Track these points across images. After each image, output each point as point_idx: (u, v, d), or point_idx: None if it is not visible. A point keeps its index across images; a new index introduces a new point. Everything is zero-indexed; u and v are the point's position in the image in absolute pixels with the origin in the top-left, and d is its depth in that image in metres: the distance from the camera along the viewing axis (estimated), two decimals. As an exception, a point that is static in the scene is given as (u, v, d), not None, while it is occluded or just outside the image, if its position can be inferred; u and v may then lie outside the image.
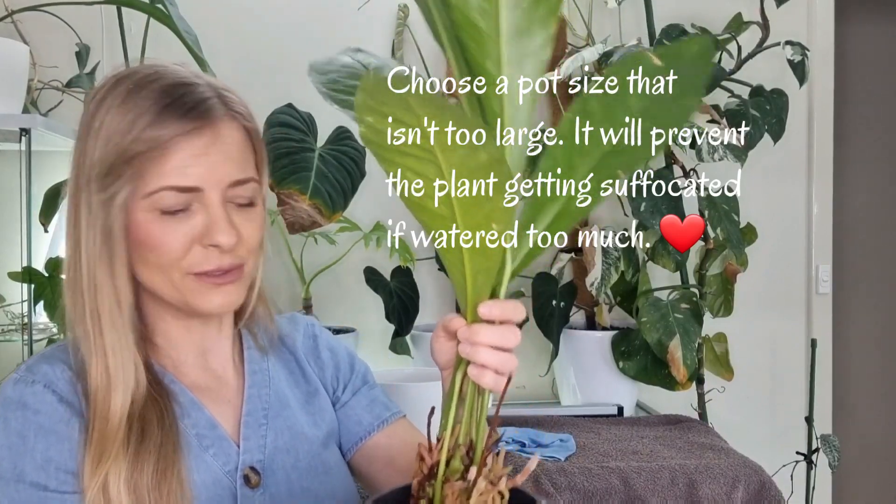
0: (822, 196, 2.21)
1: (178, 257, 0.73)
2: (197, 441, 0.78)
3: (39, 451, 0.71)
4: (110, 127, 0.72)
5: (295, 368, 0.90)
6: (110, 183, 0.72)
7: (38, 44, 1.80)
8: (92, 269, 0.74)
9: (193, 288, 0.75)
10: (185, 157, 0.72)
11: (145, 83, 0.74)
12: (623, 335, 1.85)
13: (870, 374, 2.83)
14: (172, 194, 0.72)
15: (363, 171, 1.74)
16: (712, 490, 1.40)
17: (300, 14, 2.03)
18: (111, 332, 0.74)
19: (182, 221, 0.73)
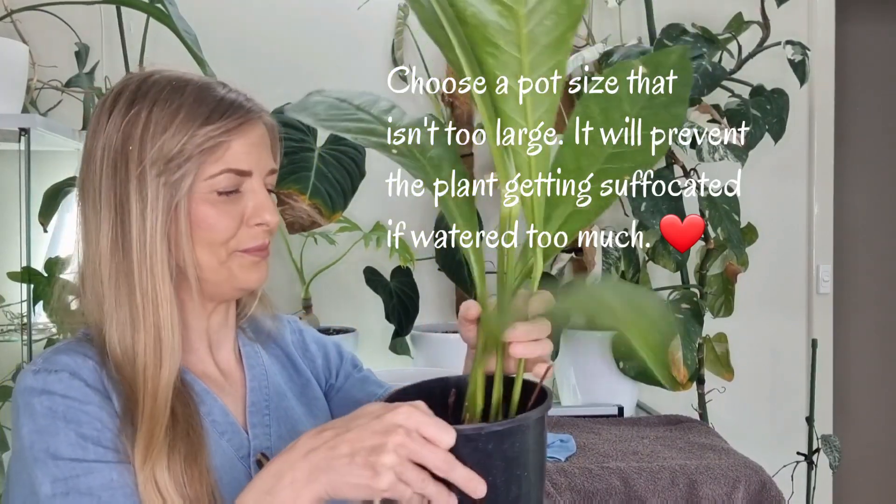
0: (822, 196, 2.21)
1: (229, 236, 0.80)
2: (213, 427, 0.82)
3: (73, 430, 0.72)
4: (161, 120, 0.78)
5: (287, 363, 0.96)
6: (175, 168, 0.78)
7: (37, 43, 1.79)
8: (150, 247, 0.77)
9: (239, 264, 0.82)
10: (242, 146, 0.81)
11: (183, 82, 0.82)
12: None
13: (870, 374, 2.83)
14: (230, 176, 0.80)
15: (363, 171, 1.74)
16: (713, 490, 1.40)
17: (300, 14, 2.03)
18: (166, 308, 0.78)
19: (233, 203, 0.81)
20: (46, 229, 1.73)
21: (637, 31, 2.01)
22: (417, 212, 1.97)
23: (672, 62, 0.61)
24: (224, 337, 0.90)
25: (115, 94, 0.81)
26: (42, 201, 1.72)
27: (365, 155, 1.78)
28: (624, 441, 1.61)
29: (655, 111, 0.61)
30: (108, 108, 0.81)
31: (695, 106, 1.75)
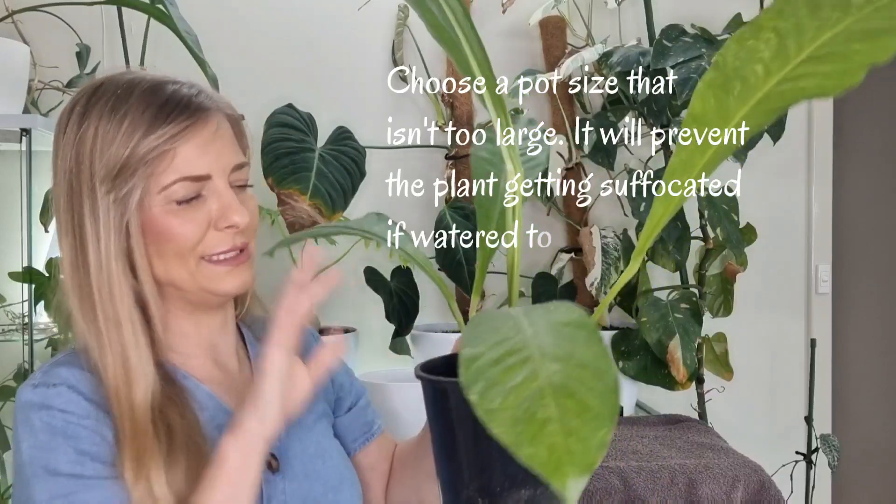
0: (821, 196, 2.21)
1: (196, 243, 0.77)
2: (218, 432, 0.80)
3: (71, 446, 0.71)
4: (108, 132, 0.75)
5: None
6: (122, 183, 0.75)
7: (38, 44, 1.80)
8: (106, 268, 0.75)
9: (210, 273, 0.79)
10: (192, 150, 0.77)
11: (130, 87, 0.78)
12: (623, 335, 1.85)
13: (870, 374, 2.84)
14: (186, 184, 0.76)
15: (363, 171, 1.75)
16: (712, 490, 1.40)
17: (300, 14, 2.04)
18: (128, 328, 0.76)
19: (197, 209, 0.77)
20: (47, 229, 1.73)
21: (636, 31, 2.01)
22: (417, 212, 1.98)
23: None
24: (225, 338, 0.88)
25: (69, 109, 0.79)
26: (43, 201, 1.72)
27: (365, 155, 1.78)
28: (623, 440, 1.62)
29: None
30: (62, 126, 0.78)
31: (694, 106, 1.75)
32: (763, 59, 0.49)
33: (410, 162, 1.96)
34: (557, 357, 0.43)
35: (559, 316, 0.48)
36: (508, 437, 0.39)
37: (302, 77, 2.02)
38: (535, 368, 0.42)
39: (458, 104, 1.97)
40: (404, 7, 2.01)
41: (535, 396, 0.40)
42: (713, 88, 0.51)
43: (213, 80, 1.42)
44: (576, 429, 0.39)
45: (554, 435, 0.39)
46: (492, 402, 0.41)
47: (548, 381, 0.41)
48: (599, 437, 0.38)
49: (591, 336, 0.46)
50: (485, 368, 0.43)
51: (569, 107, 2.00)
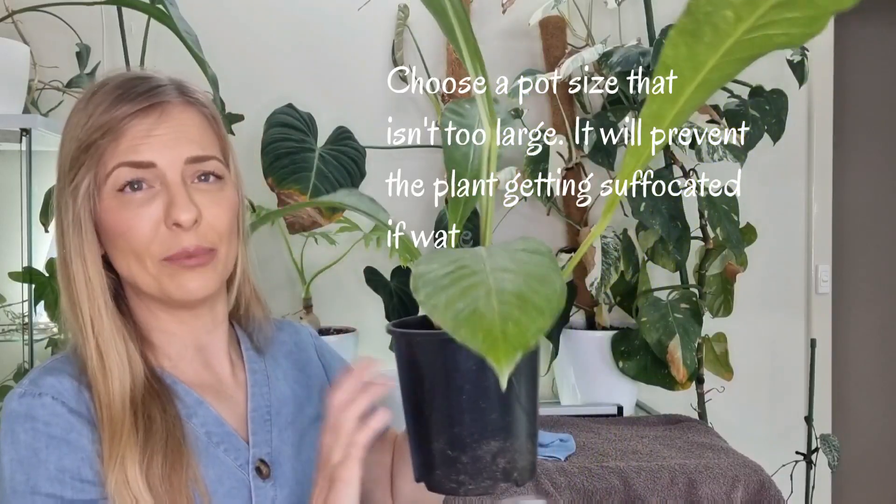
0: (821, 196, 2.21)
1: (148, 240, 0.74)
2: (207, 438, 0.79)
3: (53, 462, 0.71)
4: (74, 125, 0.76)
5: (290, 368, 0.93)
6: (74, 174, 0.75)
7: (38, 44, 1.80)
8: (70, 262, 0.76)
9: (166, 273, 0.75)
10: (136, 135, 0.74)
11: (106, 82, 0.78)
12: (623, 335, 1.85)
13: (869, 374, 2.84)
14: (127, 170, 0.74)
15: (363, 171, 1.75)
16: (712, 490, 1.40)
17: (300, 14, 2.04)
18: (97, 319, 0.75)
19: (145, 204, 0.74)
20: (47, 229, 1.73)
21: (636, 31, 2.01)
22: (417, 212, 1.98)
23: None
24: (215, 341, 0.85)
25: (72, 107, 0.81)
26: (43, 201, 1.72)
27: (365, 155, 1.79)
28: (623, 440, 1.62)
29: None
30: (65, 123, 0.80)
31: (694, 106, 1.75)
32: (733, 4, 0.47)
33: (410, 162, 1.95)
34: (507, 269, 0.46)
35: (518, 245, 0.51)
36: (447, 324, 0.41)
37: (302, 77, 2.02)
38: (483, 278, 0.45)
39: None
40: (404, 7, 2.01)
41: (480, 295, 0.43)
42: (684, 35, 0.50)
43: (213, 80, 1.42)
44: (515, 318, 0.41)
45: (492, 323, 0.41)
46: (437, 299, 0.43)
47: (496, 287, 0.44)
48: (537, 325, 0.41)
49: (544, 257, 0.48)
50: (435, 279, 0.46)
51: (569, 107, 1.99)
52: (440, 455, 0.60)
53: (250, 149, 1.73)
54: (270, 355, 0.91)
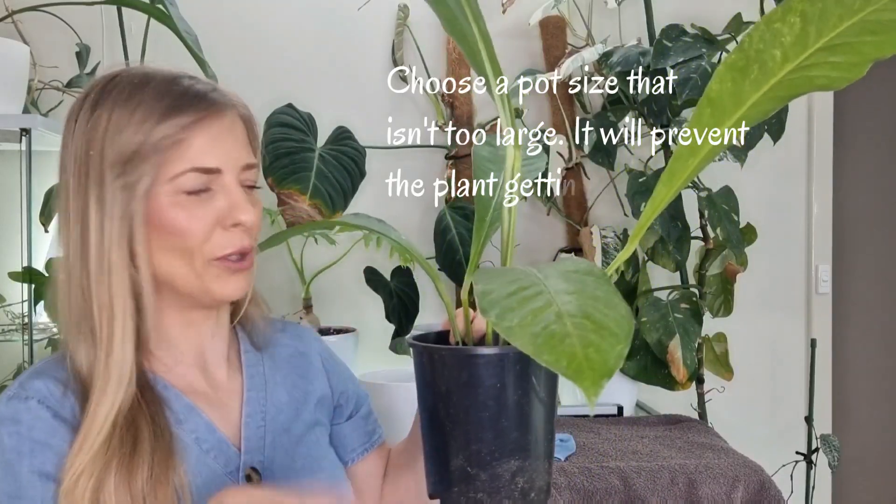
0: (821, 196, 2.21)
1: (203, 240, 0.75)
2: (197, 445, 0.78)
3: (36, 467, 0.71)
4: (120, 120, 0.74)
5: (290, 373, 0.91)
6: (130, 169, 0.73)
7: (38, 44, 1.80)
8: (108, 254, 0.74)
9: (215, 273, 0.77)
10: (205, 141, 0.75)
11: (146, 78, 0.77)
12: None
13: (870, 374, 2.84)
14: (195, 175, 0.75)
15: (363, 170, 1.75)
16: (712, 490, 1.40)
17: (300, 14, 2.04)
18: (119, 319, 0.74)
19: (205, 204, 0.75)
20: (47, 229, 1.73)
21: (637, 31, 2.01)
22: (417, 212, 1.98)
23: None
24: (216, 346, 0.85)
25: (81, 99, 0.78)
26: (43, 201, 1.72)
27: (365, 155, 1.79)
28: (623, 440, 1.62)
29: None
30: (74, 114, 0.77)
31: (694, 106, 1.75)
32: (783, 45, 0.48)
33: (410, 162, 1.95)
34: (569, 291, 0.46)
35: (568, 266, 0.51)
36: (528, 348, 0.41)
37: (302, 77, 2.02)
38: (549, 299, 0.45)
39: (458, 104, 1.97)
40: (404, 7, 2.01)
41: (551, 318, 0.43)
42: (733, 71, 0.51)
43: (213, 80, 1.42)
44: (594, 342, 0.41)
45: (573, 346, 0.41)
46: (510, 321, 0.43)
47: (564, 309, 0.44)
48: (618, 351, 0.41)
49: (600, 279, 0.48)
50: (499, 299, 0.45)
51: (569, 107, 1.99)
52: (459, 472, 0.59)
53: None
54: (269, 357, 0.90)
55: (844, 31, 0.46)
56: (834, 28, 0.47)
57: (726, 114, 0.52)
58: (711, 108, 0.52)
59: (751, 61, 0.50)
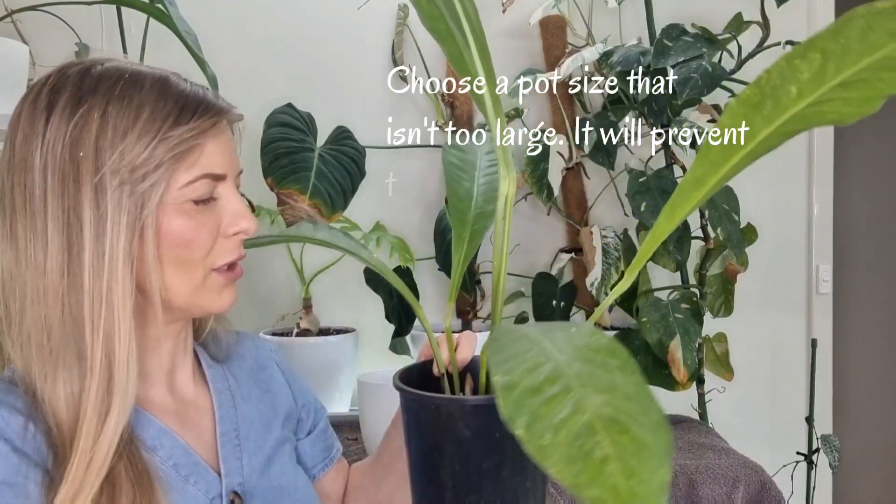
0: (822, 196, 2.21)
1: (207, 251, 0.72)
2: (175, 472, 0.73)
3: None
4: (121, 120, 0.67)
5: (253, 387, 0.87)
6: (143, 177, 0.67)
7: (37, 44, 1.80)
8: (111, 270, 0.66)
9: (215, 285, 0.74)
10: (215, 147, 0.73)
11: (138, 76, 0.71)
12: (623, 335, 1.85)
13: (870, 374, 2.84)
14: (207, 183, 0.71)
15: (363, 170, 1.74)
16: (712, 490, 1.40)
17: (300, 14, 2.03)
18: (124, 341, 0.66)
19: (209, 213, 0.72)
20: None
21: (637, 31, 2.01)
22: (417, 212, 1.97)
23: None
24: (182, 361, 0.80)
25: (51, 91, 0.69)
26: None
27: (365, 155, 1.78)
28: (624, 441, 1.61)
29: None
30: (43, 107, 0.68)
31: (695, 106, 1.75)
32: (800, 81, 0.47)
33: (410, 162, 1.95)
34: (599, 388, 0.41)
35: (583, 340, 0.46)
36: (567, 478, 0.37)
37: (302, 77, 2.02)
38: (578, 399, 0.40)
39: (458, 104, 1.97)
40: (404, 7, 2.01)
41: (586, 432, 0.38)
42: (746, 107, 0.50)
43: (213, 80, 1.41)
44: (636, 469, 0.37)
45: (615, 475, 0.37)
46: (541, 437, 0.39)
47: (596, 415, 0.39)
48: (660, 478, 0.37)
49: (625, 364, 0.44)
50: (525, 398, 0.41)
51: (569, 106, 1.99)
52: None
53: (250, 149, 1.73)
54: (231, 373, 0.85)
55: (864, 67, 0.45)
56: (853, 65, 0.45)
57: (735, 149, 0.51)
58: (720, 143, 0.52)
59: (766, 97, 0.49)
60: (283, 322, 1.92)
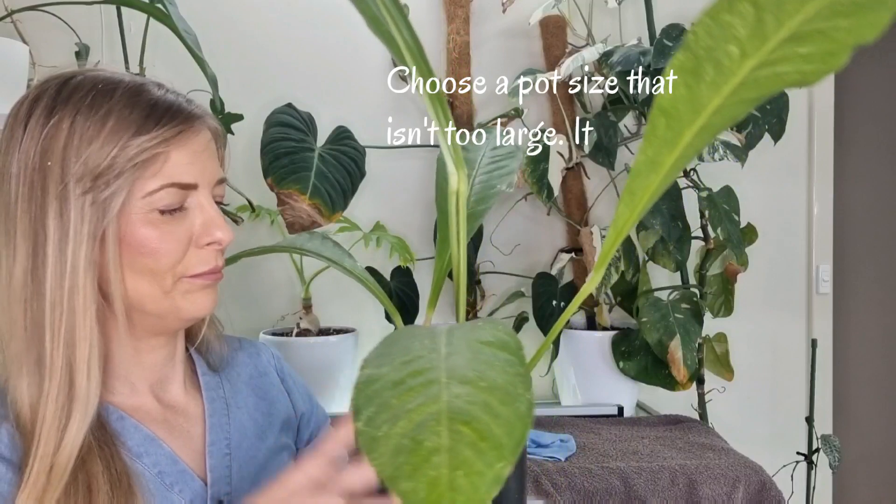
0: (822, 196, 2.21)
1: (176, 261, 0.71)
2: (159, 479, 0.72)
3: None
4: (87, 128, 0.68)
5: (250, 395, 0.86)
6: (105, 185, 0.67)
7: (37, 43, 1.80)
8: (71, 278, 0.67)
9: (183, 291, 0.72)
10: (184, 156, 0.71)
11: (111, 85, 0.71)
12: (623, 335, 1.85)
13: (870, 374, 2.83)
14: (172, 192, 0.70)
15: (363, 170, 1.74)
16: (712, 490, 1.40)
17: (300, 14, 2.03)
18: (84, 350, 0.67)
19: (178, 222, 0.71)
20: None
21: (637, 31, 2.01)
22: (417, 212, 1.97)
23: None
24: (172, 371, 0.79)
25: (32, 101, 0.70)
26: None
27: (365, 155, 1.78)
28: (624, 441, 1.61)
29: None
30: (23, 118, 0.69)
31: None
32: (738, 38, 0.42)
33: (410, 162, 1.95)
34: (466, 379, 0.39)
35: (483, 334, 0.44)
36: (386, 470, 0.34)
37: (302, 77, 2.01)
38: (437, 391, 0.38)
39: (458, 104, 1.97)
40: (404, 6, 2.01)
41: (428, 422, 0.36)
42: (683, 74, 0.45)
43: (213, 80, 1.41)
44: (467, 460, 0.34)
45: (440, 467, 0.34)
46: (378, 429, 0.37)
47: (447, 405, 0.37)
48: (494, 472, 0.34)
49: (511, 358, 0.41)
50: (382, 391, 0.39)
51: (569, 106, 1.99)
52: None
53: (250, 148, 1.73)
54: (229, 380, 0.85)
55: (811, 17, 0.40)
56: (795, 13, 0.40)
57: (685, 123, 0.46)
58: (666, 118, 0.46)
59: (701, 61, 0.44)
60: (283, 322, 1.92)
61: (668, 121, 0.46)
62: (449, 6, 1.98)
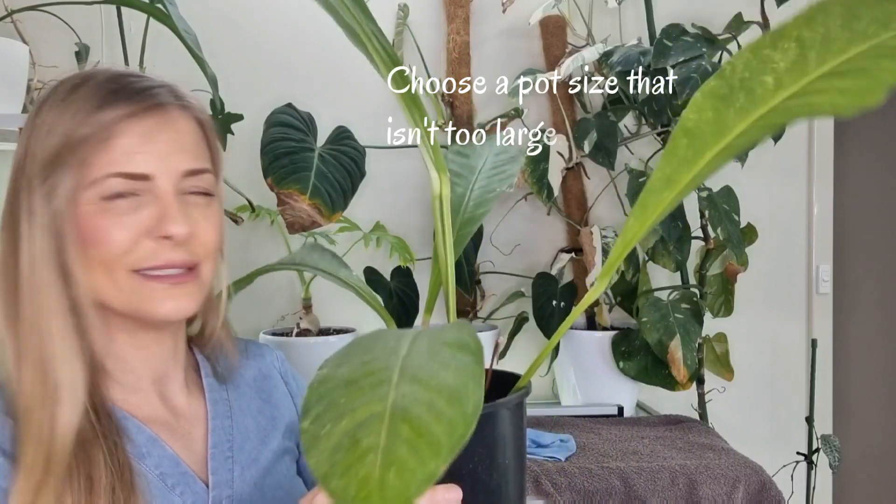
0: (822, 196, 2.21)
1: (125, 251, 0.68)
2: (161, 481, 0.71)
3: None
4: (52, 120, 0.68)
5: (254, 398, 0.85)
6: (52, 173, 0.67)
7: (37, 43, 1.79)
8: (35, 269, 0.67)
9: (139, 290, 0.69)
10: (131, 141, 0.68)
11: (89, 77, 0.71)
12: (623, 335, 1.85)
13: (870, 374, 2.83)
14: (119, 181, 0.67)
15: (363, 170, 1.74)
16: (712, 490, 1.40)
17: (300, 14, 2.03)
18: (57, 339, 0.66)
19: (130, 213, 0.68)
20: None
21: (637, 31, 2.01)
22: (417, 212, 1.97)
23: None
24: (173, 369, 0.78)
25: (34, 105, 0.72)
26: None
27: (365, 155, 1.78)
28: (624, 441, 1.61)
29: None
30: (28, 118, 0.71)
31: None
32: (776, 70, 0.43)
33: (410, 162, 1.95)
34: (417, 379, 0.39)
35: (447, 336, 0.44)
36: (321, 469, 0.35)
37: (302, 77, 2.01)
38: (386, 391, 0.38)
39: (458, 104, 1.97)
40: (404, 6, 2.01)
41: (369, 421, 0.36)
42: (713, 99, 0.46)
43: (213, 80, 1.41)
44: (400, 459, 0.35)
45: (371, 465, 0.34)
46: (322, 428, 0.37)
47: (392, 405, 0.37)
48: (427, 470, 0.34)
49: (468, 358, 0.41)
50: (333, 389, 0.39)
51: (569, 106, 1.99)
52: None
53: (250, 148, 1.73)
54: (232, 383, 0.83)
55: (855, 56, 0.41)
56: (840, 54, 0.41)
57: (707, 145, 0.47)
58: (689, 138, 0.47)
59: (735, 90, 0.45)
60: (283, 322, 1.92)
61: (691, 141, 0.47)
62: (449, 6, 1.98)
